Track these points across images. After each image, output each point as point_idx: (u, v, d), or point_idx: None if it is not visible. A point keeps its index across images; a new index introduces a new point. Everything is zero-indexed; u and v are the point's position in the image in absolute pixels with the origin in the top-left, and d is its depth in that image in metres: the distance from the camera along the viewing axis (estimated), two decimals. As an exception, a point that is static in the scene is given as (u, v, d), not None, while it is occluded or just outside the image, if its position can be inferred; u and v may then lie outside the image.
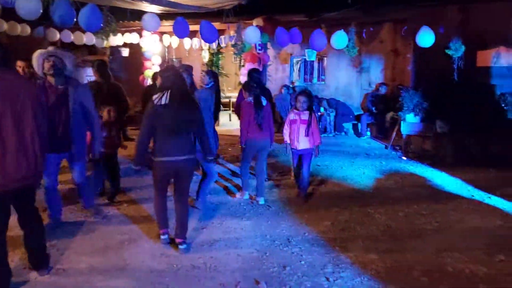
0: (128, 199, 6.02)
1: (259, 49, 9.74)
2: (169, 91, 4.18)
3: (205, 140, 4.54)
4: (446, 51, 8.49)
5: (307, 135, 5.90)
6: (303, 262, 4.20)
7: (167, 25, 8.90)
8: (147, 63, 12.24)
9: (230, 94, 12.74)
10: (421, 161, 8.49)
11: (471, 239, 4.74)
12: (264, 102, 5.84)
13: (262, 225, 5.19)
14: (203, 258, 4.26)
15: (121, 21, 8.36)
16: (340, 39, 7.76)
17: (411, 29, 9.59)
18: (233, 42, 8.88)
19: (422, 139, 9.24)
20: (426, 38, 7.63)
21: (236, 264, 4.16)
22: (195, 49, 12.29)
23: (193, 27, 7.74)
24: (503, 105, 8.78)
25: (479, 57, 9.64)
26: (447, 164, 8.16)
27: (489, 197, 6.16)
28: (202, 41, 10.35)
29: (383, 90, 11.61)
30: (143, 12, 6.95)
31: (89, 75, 13.15)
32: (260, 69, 9.97)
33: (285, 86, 12.11)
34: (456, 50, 8.37)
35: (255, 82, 6.24)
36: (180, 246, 4.42)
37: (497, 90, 9.30)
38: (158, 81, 4.59)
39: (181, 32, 7.01)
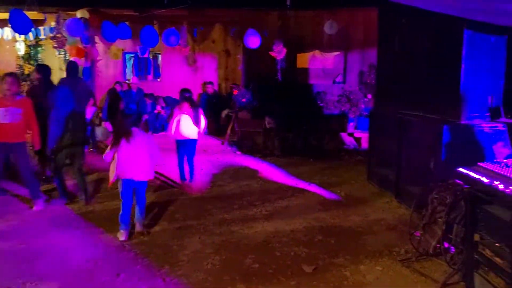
0: None
1: (86, 43, 9.04)
2: None
3: None
4: (270, 53, 9.24)
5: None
6: (139, 266, 4.06)
7: (-32, 11, 7.57)
8: None
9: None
10: (253, 154, 9.05)
11: (295, 223, 5.23)
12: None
13: (93, 232, 4.84)
14: (21, 277, 3.75)
15: None
16: (171, 36, 7.73)
17: (239, 31, 10.15)
18: (52, 35, 8.05)
19: (254, 135, 9.88)
20: (252, 40, 8.16)
21: (62, 279, 3.78)
22: (7, 40, 10.72)
23: (2, 16, 6.75)
24: (319, 102, 10.00)
25: (299, 59, 10.80)
26: (275, 156, 8.90)
27: (309, 185, 6.92)
28: (17, 31, 9.10)
29: (210, 90, 11.94)
30: None
31: None
32: (88, 64, 9.31)
33: (118, 82, 11.51)
34: (279, 52, 9.17)
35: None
36: None
37: (314, 89, 10.55)
38: None
39: (-15, 19, 6.04)
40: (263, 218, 5.42)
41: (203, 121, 6.50)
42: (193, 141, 6.52)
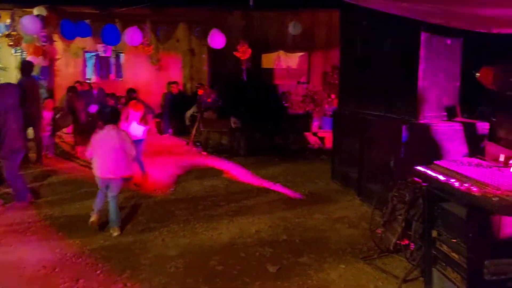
0: None
1: (44, 41, 8.71)
2: None
3: None
4: (235, 53, 9.22)
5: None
6: (99, 272, 3.94)
7: None
8: None
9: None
10: (219, 155, 9.01)
11: (260, 223, 5.22)
12: None
13: (51, 238, 4.66)
14: (-27, 287, 3.57)
15: None
16: (133, 35, 7.57)
17: (203, 30, 10.07)
18: (8, 32, 7.71)
19: (220, 135, 9.83)
20: (217, 40, 8.11)
21: (17, 287, 3.62)
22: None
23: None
24: (284, 102, 10.06)
25: (264, 60, 10.84)
26: (241, 156, 8.89)
27: (274, 184, 6.94)
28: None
29: (174, 89, 11.78)
30: None
31: None
32: (47, 63, 9.00)
33: (78, 82, 11.18)
34: (243, 52, 9.17)
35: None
36: None
37: (279, 89, 10.61)
38: None
39: None
40: (228, 219, 5.38)
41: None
42: (140, 141, 6.59)
